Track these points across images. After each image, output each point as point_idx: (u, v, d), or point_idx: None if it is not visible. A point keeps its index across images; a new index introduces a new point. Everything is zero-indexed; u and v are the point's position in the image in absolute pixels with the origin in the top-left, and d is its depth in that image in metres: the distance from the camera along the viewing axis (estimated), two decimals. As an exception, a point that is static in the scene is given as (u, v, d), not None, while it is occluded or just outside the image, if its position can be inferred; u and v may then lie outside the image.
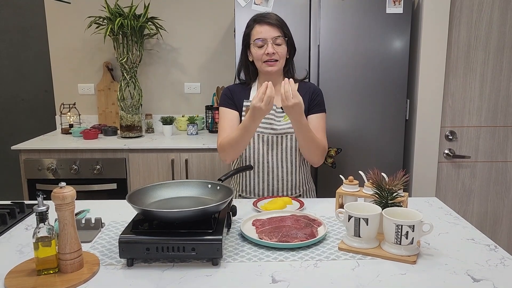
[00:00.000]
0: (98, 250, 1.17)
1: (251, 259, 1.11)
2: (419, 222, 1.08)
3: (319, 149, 1.63)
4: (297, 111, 1.44)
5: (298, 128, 1.52)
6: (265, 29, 1.60)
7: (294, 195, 1.73)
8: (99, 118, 3.13)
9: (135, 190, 1.23)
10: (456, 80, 2.40)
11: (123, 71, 2.72)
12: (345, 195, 1.42)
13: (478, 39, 2.36)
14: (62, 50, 3.09)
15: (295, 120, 1.49)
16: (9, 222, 1.37)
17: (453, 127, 2.45)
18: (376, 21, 2.27)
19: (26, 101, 3.51)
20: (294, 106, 1.41)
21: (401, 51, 2.30)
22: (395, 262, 1.09)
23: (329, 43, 2.29)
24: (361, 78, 2.32)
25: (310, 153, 1.63)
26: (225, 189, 1.26)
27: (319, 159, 1.66)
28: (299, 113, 1.46)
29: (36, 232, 1.00)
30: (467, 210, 2.53)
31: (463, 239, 1.24)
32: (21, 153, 2.55)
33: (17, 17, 3.41)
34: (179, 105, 3.18)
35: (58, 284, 0.97)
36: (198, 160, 2.57)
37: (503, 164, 2.49)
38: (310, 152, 1.62)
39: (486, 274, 1.03)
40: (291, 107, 1.42)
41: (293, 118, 1.48)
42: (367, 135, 2.38)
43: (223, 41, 3.09)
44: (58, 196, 0.99)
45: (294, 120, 1.49)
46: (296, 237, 1.19)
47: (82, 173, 2.54)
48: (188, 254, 1.06)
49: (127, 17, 2.61)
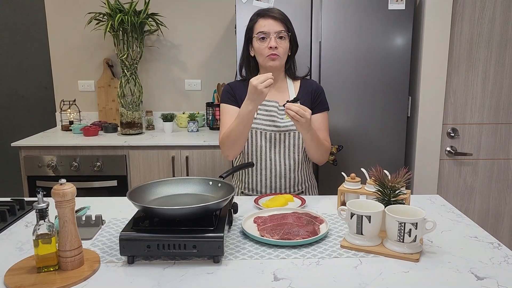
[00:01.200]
0: (99, 248, 1.16)
1: (252, 257, 1.10)
2: (422, 219, 1.08)
3: (325, 150, 1.66)
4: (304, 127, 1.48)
5: (308, 138, 1.55)
6: (268, 22, 1.59)
7: (297, 192, 1.72)
8: (99, 115, 3.12)
9: (135, 187, 1.22)
10: (458, 77, 2.39)
11: (124, 68, 2.71)
12: (347, 193, 1.41)
13: (480, 36, 2.35)
14: (62, 46, 3.08)
15: (305, 132, 1.52)
16: (9, 219, 1.36)
17: (455, 124, 2.44)
18: (378, 18, 2.25)
19: (26, 97, 3.50)
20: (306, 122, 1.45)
21: (403, 47, 2.28)
22: (398, 260, 1.08)
23: (331, 40, 2.27)
24: (363, 75, 2.31)
25: (317, 154, 1.65)
26: (226, 186, 1.25)
27: (324, 158, 1.69)
28: (307, 126, 1.48)
29: (36, 229, 0.99)
30: (469, 208, 2.52)
31: (466, 236, 1.23)
32: (21, 150, 2.54)
33: (17, 14, 3.40)
34: (180, 102, 3.17)
35: (58, 281, 0.97)
36: (199, 157, 2.56)
37: (505, 162, 2.48)
38: (318, 154, 1.65)
39: (490, 272, 1.02)
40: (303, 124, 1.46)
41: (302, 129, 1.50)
42: (369, 132, 2.37)
43: (224, 38, 3.08)
44: (58, 193, 0.98)
45: (304, 132, 1.53)
46: (298, 234, 1.18)
47: (82, 170, 2.54)
48: (189, 252, 1.05)
49: (127, 13, 2.60)
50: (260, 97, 1.44)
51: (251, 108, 1.48)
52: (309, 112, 1.44)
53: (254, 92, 1.43)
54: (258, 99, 1.45)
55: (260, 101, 1.47)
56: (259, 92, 1.41)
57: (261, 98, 1.45)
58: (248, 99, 1.47)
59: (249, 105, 1.47)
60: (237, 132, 1.54)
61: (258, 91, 1.41)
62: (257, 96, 1.44)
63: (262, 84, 1.40)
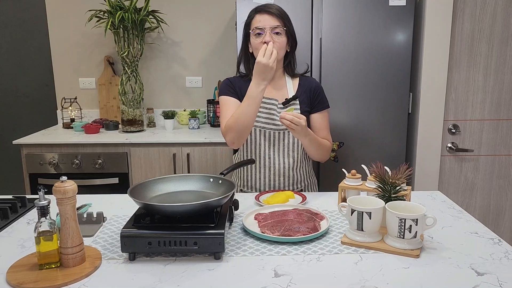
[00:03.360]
0: (100, 245, 1.17)
1: (253, 253, 1.11)
2: (423, 215, 1.08)
3: (326, 150, 1.67)
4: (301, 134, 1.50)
5: (306, 142, 1.57)
6: (264, 18, 1.58)
7: (296, 189, 1.72)
8: (100, 112, 3.12)
9: (136, 184, 1.22)
10: (459, 73, 2.39)
11: (124, 65, 2.71)
12: (348, 189, 1.41)
13: (481, 32, 2.34)
14: (62, 44, 3.08)
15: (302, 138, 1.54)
16: (11, 217, 1.37)
17: (456, 120, 2.44)
18: (379, 14, 2.25)
19: (27, 95, 3.50)
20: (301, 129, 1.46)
21: (404, 44, 2.28)
22: (398, 256, 1.09)
23: (332, 36, 2.27)
24: (363, 72, 2.31)
25: (317, 155, 1.66)
26: (227, 183, 1.26)
27: (325, 157, 1.70)
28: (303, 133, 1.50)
29: (37, 226, 1.00)
30: (470, 204, 2.52)
31: (467, 232, 1.23)
32: (22, 147, 2.55)
33: (17, 11, 3.39)
34: (181, 99, 3.17)
35: (60, 278, 0.97)
36: (200, 154, 2.56)
37: (506, 158, 2.48)
38: (318, 154, 1.66)
39: (490, 267, 1.02)
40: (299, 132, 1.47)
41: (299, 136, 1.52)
42: (370, 129, 2.36)
43: (224, 35, 3.07)
44: (59, 190, 0.98)
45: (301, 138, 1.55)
46: (299, 231, 1.18)
47: (83, 168, 2.54)
48: (190, 248, 1.05)
49: (128, 11, 2.59)
50: (271, 72, 1.46)
51: (263, 86, 1.48)
52: (304, 119, 1.44)
53: (265, 70, 1.45)
54: (269, 75, 1.47)
55: (270, 76, 1.48)
56: (270, 68, 1.44)
57: (271, 73, 1.47)
58: (258, 79, 1.48)
59: (261, 84, 1.48)
60: (247, 115, 1.51)
61: (269, 68, 1.44)
62: (268, 72, 1.46)
63: (271, 59, 1.43)
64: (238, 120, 1.52)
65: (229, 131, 1.57)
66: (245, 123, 1.52)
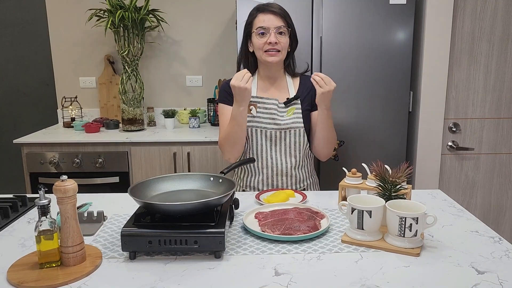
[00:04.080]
0: (101, 243, 1.17)
1: (253, 252, 1.11)
2: (423, 214, 1.08)
3: (333, 139, 1.67)
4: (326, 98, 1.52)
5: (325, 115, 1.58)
6: (268, 17, 1.58)
7: (299, 189, 1.72)
8: (100, 111, 3.12)
9: (137, 183, 1.22)
10: (460, 72, 2.38)
11: (125, 64, 2.71)
12: (348, 188, 1.41)
13: (482, 30, 2.34)
14: (63, 43, 3.08)
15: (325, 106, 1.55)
16: (11, 216, 1.37)
17: (456, 119, 2.44)
18: (379, 12, 2.24)
19: (27, 94, 3.50)
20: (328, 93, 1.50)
21: (405, 42, 2.27)
22: (398, 254, 1.09)
23: (332, 35, 2.27)
24: (364, 70, 2.30)
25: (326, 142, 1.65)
26: (227, 181, 1.26)
27: (329, 151, 1.69)
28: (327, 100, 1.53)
29: (38, 225, 1.00)
30: (471, 202, 2.52)
31: (467, 231, 1.23)
32: (23, 146, 2.55)
33: (17, 10, 3.39)
34: (181, 98, 3.16)
35: (61, 277, 0.97)
36: (200, 153, 2.56)
37: (507, 156, 2.47)
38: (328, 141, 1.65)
39: (491, 266, 1.02)
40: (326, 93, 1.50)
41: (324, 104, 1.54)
42: (370, 127, 2.36)
43: (224, 34, 3.07)
44: (60, 189, 0.98)
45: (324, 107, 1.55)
46: (299, 229, 1.18)
47: (84, 167, 2.54)
48: (190, 247, 1.05)
49: (128, 10, 2.59)
50: (245, 94, 1.46)
51: (242, 108, 1.50)
52: (333, 85, 1.49)
53: (239, 92, 1.45)
54: (245, 97, 1.48)
55: (247, 98, 1.48)
56: (243, 89, 1.44)
57: (247, 95, 1.47)
58: (236, 101, 1.50)
59: (240, 106, 1.50)
60: (234, 134, 1.56)
61: (242, 89, 1.44)
62: (242, 94, 1.46)
63: (242, 81, 1.43)
64: (228, 139, 1.59)
65: (222, 148, 1.65)
66: (235, 140, 1.58)
